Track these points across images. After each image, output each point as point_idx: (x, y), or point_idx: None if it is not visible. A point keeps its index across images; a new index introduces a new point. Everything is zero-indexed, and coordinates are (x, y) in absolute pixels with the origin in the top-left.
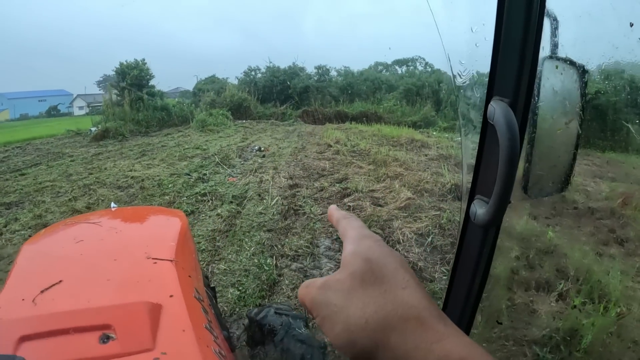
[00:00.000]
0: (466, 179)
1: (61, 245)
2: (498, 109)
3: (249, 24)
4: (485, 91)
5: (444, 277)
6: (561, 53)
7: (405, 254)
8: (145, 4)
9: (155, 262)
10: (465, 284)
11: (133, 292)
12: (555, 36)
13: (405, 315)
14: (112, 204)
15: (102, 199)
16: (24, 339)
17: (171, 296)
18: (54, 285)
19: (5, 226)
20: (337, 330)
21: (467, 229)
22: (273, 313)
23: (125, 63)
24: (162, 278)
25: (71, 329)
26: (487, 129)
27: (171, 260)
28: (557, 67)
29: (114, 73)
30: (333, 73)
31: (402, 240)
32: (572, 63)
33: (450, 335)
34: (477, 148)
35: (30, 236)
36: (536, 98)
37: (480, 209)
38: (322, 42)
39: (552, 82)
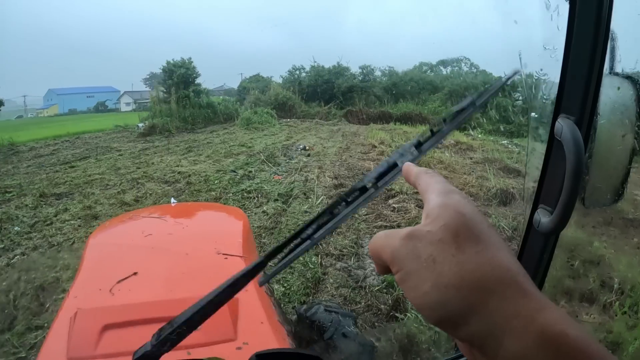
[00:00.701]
0: (528, 187)
1: (130, 238)
2: (565, 127)
3: (291, 22)
4: (553, 108)
5: None
6: (617, 69)
7: None
8: (189, 3)
9: (226, 258)
10: None
11: (209, 286)
12: (614, 53)
13: (504, 279)
14: (172, 200)
15: (150, 192)
16: (107, 327)
17: (246, 291)
18: (129, 276)
19: (55, 215)
20: (426, 288)
21: (529, 235)
22: (323, 310)
23: (172, 61)
24: (234, 272)
25: (154, 319)
26: (553, 143)
27: (241, 257)
28: (616, 84)
29: (161, 71)
30: (377, 73)
31: None
32: (629, 78)
33: (549, 305)
34: (541, 160)
35: (79, 226)
36: (598, 114)
37: (544, 218)
38: (364, 40)
39: (611, 98)
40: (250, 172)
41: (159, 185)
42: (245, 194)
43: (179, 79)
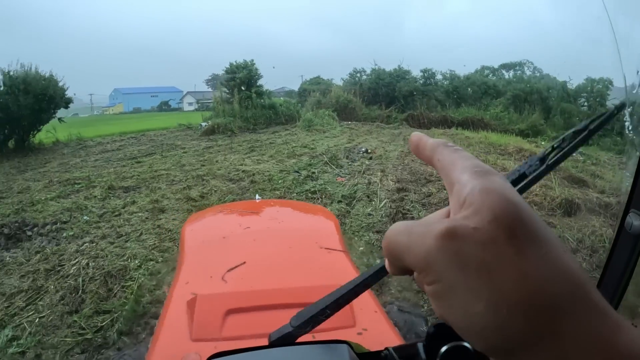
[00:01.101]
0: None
1: (230, 230)
2: None
3: (350, 24)
4: None
5: None
6: None
7: None
8: (250, 6)
9: (330, 252)
10: (612, 288)
11: (319, 276)
12: None
13: (577, 293)
14: (257, 196)
15: (215, 189)
16: (230, 312)
17: None
18: (239, 265)
19: (123, 207)
20: (479, 308)
21: (619, 237)
22: (396, 310)
23: (235, 63)
24: (341, 265)
25: (271, 306)
26: None
27: (343, 251)
28: None
29: (224, 72)
30: (438, 77)
31: None
32: None
33: (624, 324)
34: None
35: (147, 218)
36: None
37: (636, 221)
38: (424, 42)
39: None
40: (314, 173)
41: (224, 183)
42: (310, 195)
43: (241, 80)
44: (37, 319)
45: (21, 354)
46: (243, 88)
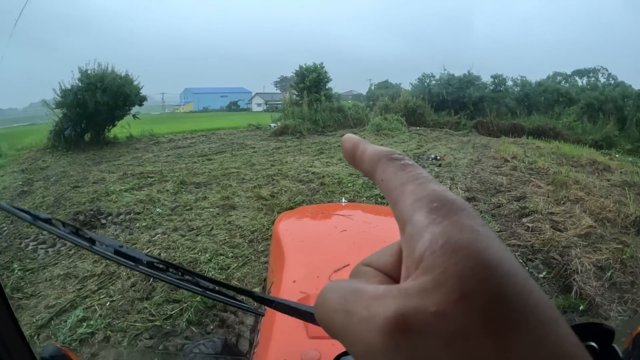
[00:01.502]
0: None
1: (325, 231)
2: None
3: (419, 28)
4: None
5: (619, 317)
6: None
7: (582, 285)
8: (317, 9)
9: None
10: None
11: None
12: None
13: None
14: (343, 199)
15: (285, 189)
16: None
17: None
18: (344, 267)
19: (195, 202)
20: None
21: None
22: None
23: (304, 66)
24: None
25: None
26: None
27: None
28: None
29: (293, 74)
30: (509, 83)
31: (580, 270)
32: None
33: None
34: None
35: (218, 214)
36: None
37: None
38: (494, 47)
39: None
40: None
41: (294, 184)
42: (380, 199)
43: (310, 82)
44: (108, 303)
45: (90, 335)
46: (312, 90)
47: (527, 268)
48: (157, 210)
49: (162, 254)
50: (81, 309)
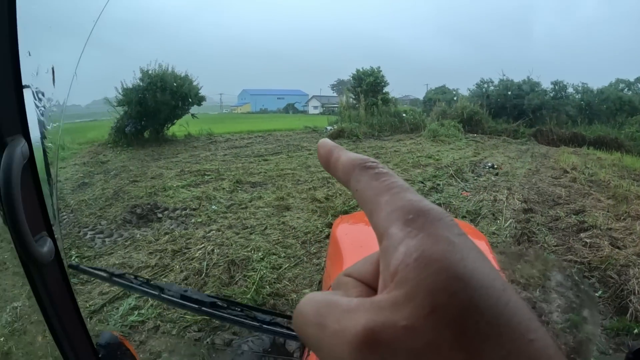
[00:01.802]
0: None
1: None
2: None
3: (475, 32)
4: None
5: None
6: None
7: (639, 307)
8: (375, 13)
9: None
10: None
11: None
12: None
13: None
14: None
15: (340, 192)
16: None
17: None
18: None
19: (250, 201)
20: None
21: None
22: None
23: (361, 70)
24: None
25: None
26: None
27: (500, 270)
28: None
29: (350, 78)
30: (570, 90)
31: (638, 291)
32: None
33: None
34: None
35: (272, 214)
36: None
37: None
38: (554, 52)
39: None
40: (438, 185)
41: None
42: None
43: (367, 86)
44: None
45: (141, 323)
46: (369, 94)
47: (582, 286)
48: (213, 207)
49: (215, 250)
50: (133, 298)
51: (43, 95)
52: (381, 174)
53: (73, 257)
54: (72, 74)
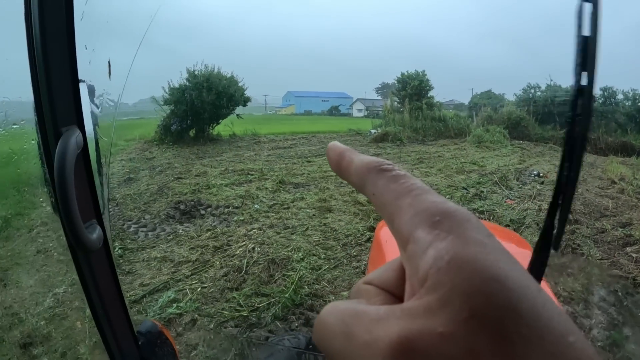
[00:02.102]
0: None
1: None
2: None
3: (521, 36)
4: None
5: None
6: None
7: None
8: (420, 16)
9: None
10: None
11: None
12: None
13: None
14: None
15: None
16: None
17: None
18: None
19: (292, 202)
20: None
21: None
22: None
23: (406, 73)
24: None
25: None
26: None
27: (544, 279)
28: None
29: (395, 81)
30: (619, 96)
31: None
32: None
33: None
34: None
35: (314, 215)
36: None
37: None
38: (603, 56)
39: None
40: (482, 192)
41: None
42: (477, 214)
43: (412, 90)
44: (199, 288)
45: (178, 315)
46: (414, 98)
47: (626, 303)
48: (256, 206)
49: (256, 248)
50: (173, 291)
51: (95, 90)
52: (399, 176)
53: (117, 249)
54: (127, 71)
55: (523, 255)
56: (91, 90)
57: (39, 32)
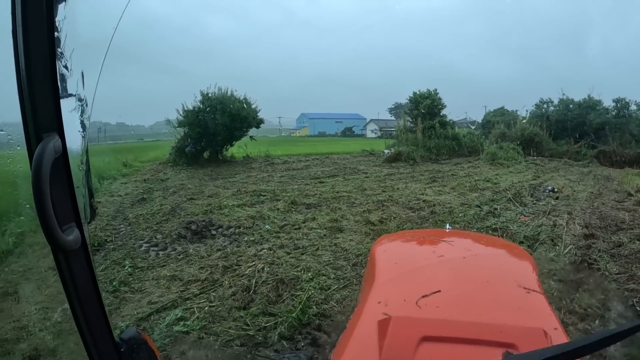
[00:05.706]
0: None
1: (423, 255)
2: None
3: (530, 50)
4: None
5: None
6: None
7: None
8: (432, 36)
9: (529, 292)
10: None
11: (518, 317)
12: None
13: None
14: (447, 226)
15: (394, 216)
16: (425, 339)
17: (555, 329)
18: (434, 293)
19: (303, 222)
20: None
21: None
22: None
23: (418, 92)
24: (541, 308)
25: (474, 340)
26: None
27: (542, 293)
28: None
29: (407, 101)
30: (633, 107)
31: None
32: None
33: None
34: None
35: (325, 235)
36: None
37: None
38: (614, 68)
39: None
40: (496, 209)
41: (403, 210)
42: (491, 232)
43: (425, 109)
44: (207, 307)
45: (185, 333)
46: (427, 117)
47: None
48: (267, 226)
49: (265, 268)
50: (180, 309)
51: (80, 99)
52: None
53: (126, 267)
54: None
55: (524, 267)
56: (82, 103)
57: (22, 49)
